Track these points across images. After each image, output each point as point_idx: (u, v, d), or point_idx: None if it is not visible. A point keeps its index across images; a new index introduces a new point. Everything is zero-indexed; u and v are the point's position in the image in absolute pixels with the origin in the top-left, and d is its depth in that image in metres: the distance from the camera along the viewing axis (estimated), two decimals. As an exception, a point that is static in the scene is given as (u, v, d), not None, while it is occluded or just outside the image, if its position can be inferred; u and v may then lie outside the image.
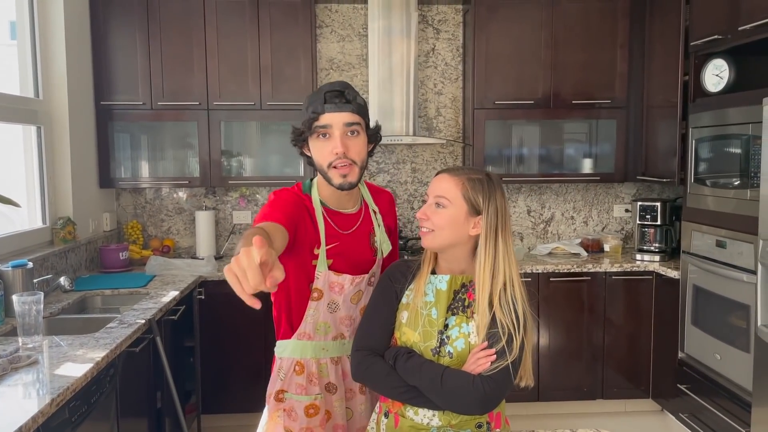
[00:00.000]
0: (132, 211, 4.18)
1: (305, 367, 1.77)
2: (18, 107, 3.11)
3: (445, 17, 4.22)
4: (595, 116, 4.04)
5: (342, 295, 1.74)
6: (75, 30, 3.52)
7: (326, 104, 1.62)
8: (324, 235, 1.70)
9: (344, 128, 1.64)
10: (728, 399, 3.02)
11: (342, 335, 1.78)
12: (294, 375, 1.77)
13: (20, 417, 1.57)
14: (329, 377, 1.79)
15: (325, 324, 1.76)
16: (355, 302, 1.78)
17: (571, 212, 4.41)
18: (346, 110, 1.64)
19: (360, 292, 1.77)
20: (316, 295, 1.73)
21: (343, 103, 1.64)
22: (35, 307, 2.15)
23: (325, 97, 1.63)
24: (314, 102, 1.65)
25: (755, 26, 2.76)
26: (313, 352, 1.77)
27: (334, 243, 1.72)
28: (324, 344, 1.77)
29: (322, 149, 1.66)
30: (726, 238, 3.04)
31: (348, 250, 1.75)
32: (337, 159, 1.64)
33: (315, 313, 1.75)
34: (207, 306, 3.53)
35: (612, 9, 3.91)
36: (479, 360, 1.47)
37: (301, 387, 1.77)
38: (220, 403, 3.59)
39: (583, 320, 3.79)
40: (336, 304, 1.75)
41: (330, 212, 1.75)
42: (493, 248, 1.51)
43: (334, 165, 1.65)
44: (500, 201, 1.54)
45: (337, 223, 1.74)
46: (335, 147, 1.63)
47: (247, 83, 3.81)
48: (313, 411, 1.76)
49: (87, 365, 1.97)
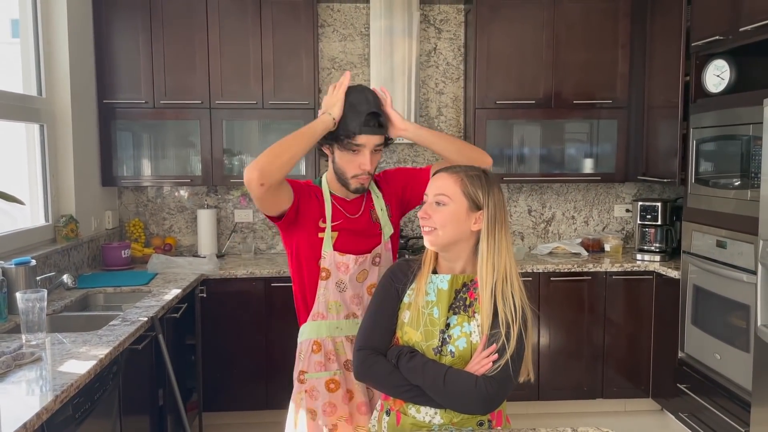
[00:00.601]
0: (134, 209, 4.19)
1: (322, 345, 1.90)
2: (21, 105, 3.11)
3: (446, 17, 4.23)
4: (596, 116, 4.05)
5: (348, 274, 1.89)
6: (78, 28, 3.53)
7: (364, 126, 1.81)
8: (330, 211, 1.90)
9: (374, 148, 1.85)
10: (728, 399, 3.03)
11: (354, 314, 1.91)
12: (312, 354, 1.90)
13: (24, 413, 1.58)
14: (346, 354, 1.90)
15: (336, 303, 1.90)
16: (360, 281, 1.92)
17: (572, 212, 4.42)
18: (379, 134, 1.85)
19: (365, 271, 1.91)
20: (324, 275, 1.89)
21: (377, 127, 1.84)
22: (38, 305, 2.16)
23: (364, 119, 1.81)
24: (352, 120, 1.81)
25: (756, 27, 2.77)
26: (327, 331, 1.90)
27: (338, 220, 1.90)
28: (337, 323, 1.91)
29: (351, 161, 1.85)
30: (726, 239, 3.05)
31: (352, 229, 1.91)
32: (362, 173, 1.85)
33: (325, 292, 1.90)
34: (209, 304, 3.54)
35: (613, 9, 3.92)
36: (482, 361, 1.48)
37: (320, 364, 1.89)
38: (221, 401, 3.60)
39: (583, 320, 3.80)
40: (344, 283, 1.89)
41: (336, 198, 1.94)
42: (494, 241, 1.53)
43: (356, 176, 1.86)
44: (498, 195, 1.57)
45: (344, 207, 1.93)
46: (363, 164, 1.84)
47: (249, 82, 3.81)
48: (333, 386, 1.88)
49: (90, 362, 1.98)
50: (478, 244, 1.57)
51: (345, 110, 1.81)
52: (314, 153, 3.85)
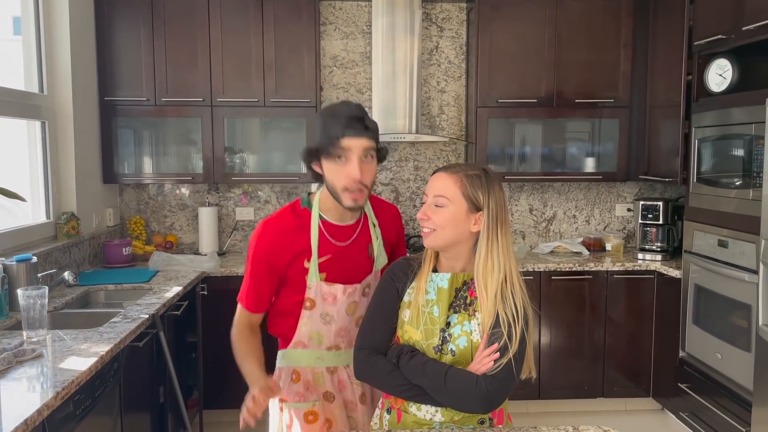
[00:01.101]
0: (135, 207, 4.20)
1: (301, 375, 1.80)
2: (22, 102, 3.11)
3: (448, 15, 4.22)
4: (597, 115, 4.04)
5: (336, 306, 1.76)
6: (79, 25, 3.53)
7: (346, 129, 1.63)
8: (317, 248, 1.74)
9: (362, 152, 1.66)
10: (729, 398, 3.03)
11: (337, 346, 1.80)
12: (291, 384, 1.81)
13: (25, 410, 1.58)
14: (325, 386, 1.81)
15: (318, 334, 1.79)
16: (350, 313, 1.79)
17: (573, 211, 4.41)
18: (365, 136, 1.66)
19: (355, 303, 1.79)
20: (308, 305, 1.76)
21: (363, 129, 1.66)
22: (39, 301, 2.16)
23: (345, 121, 1.64)
24: (333, 125, 1.65)
25: (759, 26, 2.76)
26: (308, 361, 1.80)
27: (326, 255, 1.75)
28: (319, 353, 1.80)
29: (338, 172, 1.67)
30: (728, 238, 3.04)
31: (342, 261, 1.76)
32: (353, 184, 1.66)
33: (308, 322, 1.78)
34: (210, 302, 3.54)
35: (616, 8, 3.91)
36: (483, 360, 1.48)
37: (299, 395, 1.80)
38: (222, 399, 3.59)
39: (584, 319, 3.80)
40: (330, 316, 1.77)
41: (327, 225, 1.77)
42: (494, 242, 1.52)
43: (348, 189, 1.67)
44: (499, 194, 1.54)
45: (334, 235, 1.77)
46: (352, 172, 1.65)
47: (251, 80, 3.81)
48: (312, 417, 1.77)
49: (91, 359, 1.98)
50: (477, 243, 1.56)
51: (324, 121, 1.68)
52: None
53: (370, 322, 1.63)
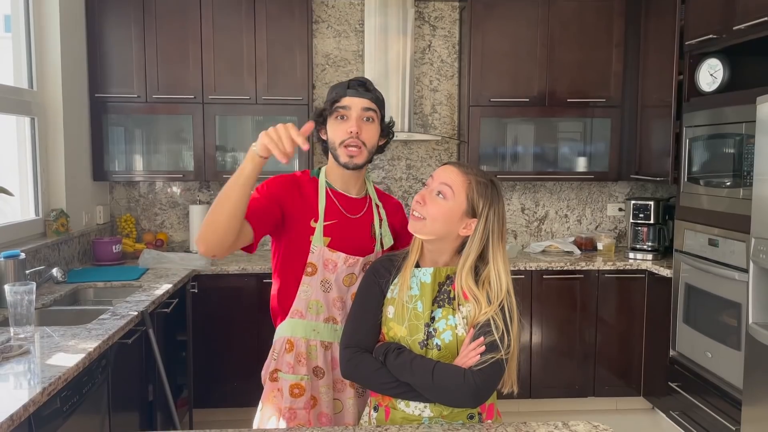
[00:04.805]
0: (125, 205, 4.17)
1: (294, 345, 1.80)
2: (12, 98, 3.09)
3: (441, 14, 4.22)
4: (589, 115, 4.05)
5: (335, 274, 1.78)
6: (70, 21, 3.50)
7: (349, 89, 1.77)
8: (323, 209, 1.79)
9: (361, 112, 1.76)
10: (719, 397, 3.04)
11: (334, 319, 1.81)
12: (285, 353, 1.80)
13: (11, 405, 1.56)
14: (317, 360, 1.80)
15: (317, 302, 1.79)
16: (347, 284, 1.80)
17: (565, 210, 4.42)
18: (366, 97, 1.78)
19: (353, 275, 1.80)
20: (310, 270, 1.78)
21: (364, 90, 1.78)
22: (27, 297, 2.14)
23: (348, 83, 1.78)
24: (337, 88, 1.81)
25: (750, 26, 2.78)
26: (303, 331, 1.80)
27: (333, 220, 1.79)
28: (315, 325, 1.80)
29: (338, 128, 1.78)
30: (718, 237, 3.06)
31: (347, 230, 1.80)
32: (350, 138, 1.75)
33: (308, 289, 1.79)
34: (200, 300, 3.52)
35: (607, 8, 3.93)
36: (470, 353, 1.47)
37: (289, 365, 1.79)
38: (211, 398, 3.58)
39: (575, 318, 3.80)
40: (329, 283, 1.79)
41: (334, 192, 1.83)
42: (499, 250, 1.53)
43: (345, 144, 1.76)
44: (500, 210, 1.54)
45: (341, 204, 1.83)
46: (350, 126, 1.75)
47: (243, 77, 3.80)
48: (298, 391, 1.77)
49: (79, 355, 1.96)
50: (462, 247, 1.56)
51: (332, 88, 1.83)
52: (308, 155, 3.85)
53: (355, 319, 1.63)
